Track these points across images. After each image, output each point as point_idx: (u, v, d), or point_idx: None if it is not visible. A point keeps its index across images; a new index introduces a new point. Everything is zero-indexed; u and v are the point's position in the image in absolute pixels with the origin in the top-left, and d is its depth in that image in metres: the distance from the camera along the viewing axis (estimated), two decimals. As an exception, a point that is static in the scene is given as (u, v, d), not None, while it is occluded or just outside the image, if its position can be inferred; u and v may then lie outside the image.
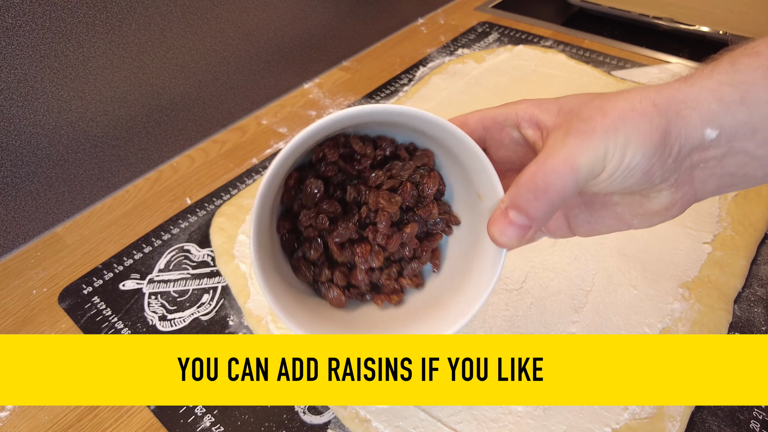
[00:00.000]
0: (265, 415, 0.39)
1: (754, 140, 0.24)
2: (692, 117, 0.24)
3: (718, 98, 0.24)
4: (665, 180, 0.25)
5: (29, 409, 0.41)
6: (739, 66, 0.24)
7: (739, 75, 0.24)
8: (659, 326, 0.42)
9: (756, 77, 0.23)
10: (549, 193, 0.24)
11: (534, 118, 0.28)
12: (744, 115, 0.24)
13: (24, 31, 0.47)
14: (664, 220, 0.27)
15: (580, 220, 0.30)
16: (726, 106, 0.24)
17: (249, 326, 0.45)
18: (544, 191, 0.24)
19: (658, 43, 0.77)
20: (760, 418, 0.37)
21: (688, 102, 0.24)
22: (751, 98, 0.23)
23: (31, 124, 0.51)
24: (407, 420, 0.37)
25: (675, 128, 0.24)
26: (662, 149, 0.24)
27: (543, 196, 0.24)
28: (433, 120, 0.28)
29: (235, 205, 0.55)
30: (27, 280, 0.50)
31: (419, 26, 0.88)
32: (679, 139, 0.24)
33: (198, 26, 0.61)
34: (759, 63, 0.24)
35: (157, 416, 0.39)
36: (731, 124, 0.24)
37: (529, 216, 0.25)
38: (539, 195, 0.24)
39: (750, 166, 0.25)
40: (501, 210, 0.26)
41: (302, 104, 0.72)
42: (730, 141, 0.24)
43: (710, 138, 0.24)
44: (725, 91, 0.24)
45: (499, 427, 0.37)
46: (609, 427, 0.36)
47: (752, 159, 0.25)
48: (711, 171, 0.25)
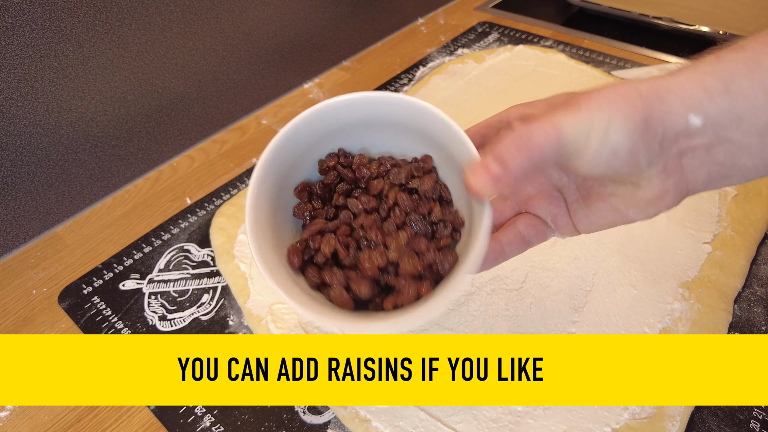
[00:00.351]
0: (265, 415, 0.39)
1: (740, 128, 0.24)
2: (675, 102, 0.24)
3: (701, 86, 0.24)
4: (653, 164, 0.25)
5: (29, 409, 0.41)
6: (723, 59, 0.25)
7: (722, 65, 0.24)
8: (659, 326, 0.42)
9: (739, 68, 0.24)
10: (531, 148, 0.24)
11: (523, 115, 0.29)
12: (728, 104, 0.24)
13: (24, 31, 0.47)
14: (660, 210, 0.28)
15: (579, 215, 0.31)
16: (709, 95, 0.24)
17: (249, 326, 0.45)
18: (526, 145, 0.24)
19: (658, 43, 0.77)
20: (760, 418, 0.37)
21: (671, 89, 0.25)
22: (735, 87, 0.24)
23: (31, 124, 0.51)
24: (407, 420, 0.37)
25: (658, 112, 0.24)
26: (645, 130, 0.24)
27: (524, 149, 0.24)
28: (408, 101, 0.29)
29: (235, 204, 0.55)
30: (27, 280, 0.50)
31: (419, 26, 0.88)
32: (663, 122, 0.25)
33: (198, 26, 0.61)
34: (743, 56, 0.24)
35: (157, 416, 0.39)
36: (716, 112, 0.24)
37: (506, 166, 0.25)
38: (521, 147, 0.24)
39: (738, 156, 0.25)
40: (480, 160, 0.26)
41: (302, 104, 0.72)
42: (716, 129, 0.25)
43: (695, 124, 0.25)
44: (708, 81, 0.24)
45: (499, 427, 0.37)
46: (609, 427, 0.36)
47: (740, 148, 0.25)
48: (700, 160, 0.26)
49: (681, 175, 0.26)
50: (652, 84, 0.25)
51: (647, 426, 0.36)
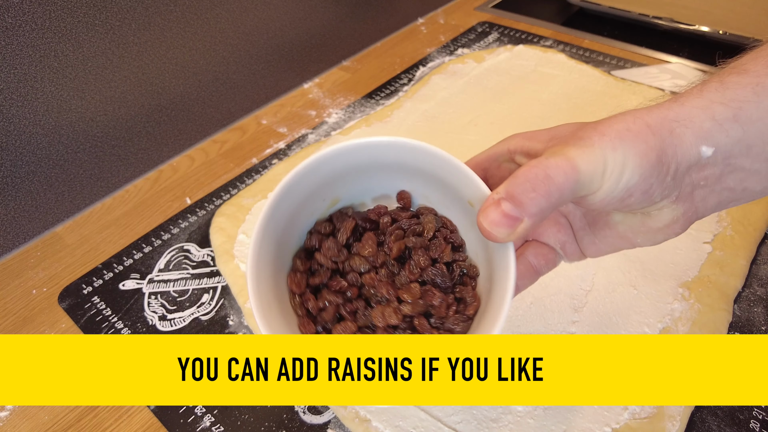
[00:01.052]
0: (265, 415, 0.39)
1: (750, 156, 0.24)
2: (686, 135, 0.24)
3: (711, 116, 0.24)
4: (666, 197, 0.25)
5: (29, 409, 0.41)
6: (728, 84, 0.24)
7: (729, 93, 0.24)
8: (659, 326, 0.42)
9: (746, 94, 0.24)
10: (550, 187, 0.23)
11: (524, 149, 0.28)
12: (738, 132, 0.24)
13: (24, 31, 0.47)
14: (667, 237, 0.27)
15: (586, 241, 0.30)
16: (719, 124, 0.24)
17: (249, 326, 0.45)
18: (543, 183, 0.23)
19: (658, 43, 0.77)
20: (759, 418, 0.37)
21: (680, 120, 0.24)
22: (744, 115, 0.24)
23: (31, 124, 0.51)
24: (407, 420, 0.37)
25: (670, 147, 0.24)
26: (659, 168, 0.24)
27: (543, 189, 0.23)
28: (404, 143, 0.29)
29: (235, 204, 0.55)
30: (27, 280, 0.50)
31: (419, 26, 0.88)
32: (675, 157, 0.24)
33: (198, 26, 0.61)
34: (748, 80, 0.24)
35: (157, 416, 0.39)
36: (726, 142, 0.24)
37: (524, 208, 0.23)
38: (538, 186, 0.23)
39: (749, 181, 0.25)
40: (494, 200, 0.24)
41: (302, 104, 0.72)
42: (727, 158, 0.24)
43: (706, 155, 0.24)
44: (717, 110, 0.24)
45: (499, 427, 0.37)
46: (609, 427, 0.36)
47: (750, 174, 0.25)
48: (711, 188, 0.26)
49: (691, 204, 0.26)
50: (660, 115, 0.24)
51: (647, 426, 0.36)
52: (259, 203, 0.55)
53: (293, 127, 0.68)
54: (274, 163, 0.62)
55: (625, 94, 0.66)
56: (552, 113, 0.64)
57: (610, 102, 0.65)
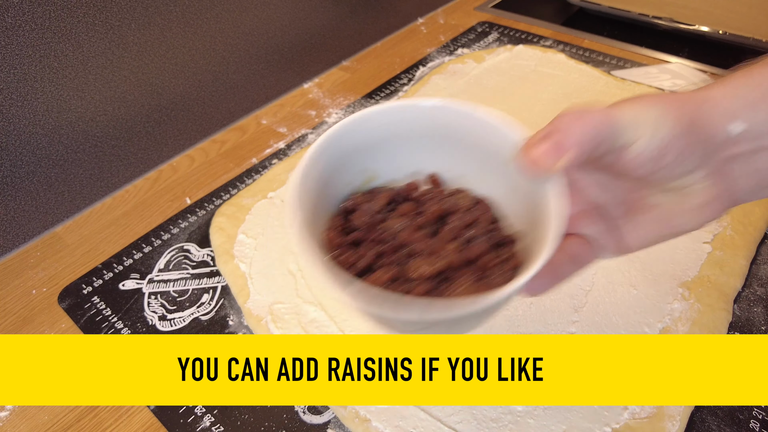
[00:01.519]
0: (265, 415, 0.39)
1: None
2: (714, 111, 0.25)
3: (738, 97, 0.25)
4: (699, 168, 0.25)
5: (29, 409, 0.41)
6: (754, 74, 0.25)
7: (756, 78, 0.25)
8: (659, 326, 0.42)
9: None
10: (588, 122, 0.24)
11: None
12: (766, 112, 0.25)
13: (24, 31, 0.47)
14: (706, 218, 0.27)
15: (624, 230, 0.30)
16: (748, 103, 0.25)
17: (249, 326, 0.45)
18: (583, 118, 0.24)
19: (658, 43, 0.77)
20: (759, 418, 0.37)
21: (708, 100, 0.25)
22: None
23: (31, 124, 0.51)
24: (407, 420, 0.37)
25: (700, 119, 0.25)
26: (693, 131, 0.25)
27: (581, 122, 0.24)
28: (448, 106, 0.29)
29: (235, 204, 0.55)
30: (27, 280, 0.50)
31: (419, 26, 0.88)
32: (705, 129, 0.25)
33: (198, 26, 0.61)
34: None
35: (157, 416, 0.39)
36: (755, 120, 0.25)
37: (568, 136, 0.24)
38: (577, 120, 0.24)
39: None
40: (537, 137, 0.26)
41: (302, 104, 0.72)
42: (758, 138, 0.25)
43: (737, 131, 0.25)
44: (743, 92, 0.25)
45: (499, 427, 0.37)
46: (609, 427, 0.36)
47: None
48: (744, 168, 0.26)
49: (727, 183, 0.26)
50: (686, 96, 0.25)
51: (647, 426, 0.36)
52: (259, 203, 0.55)
53: (293, 127, 0.68)
54: (274, 163, 0.62)
55: (625, 94, 0.66)
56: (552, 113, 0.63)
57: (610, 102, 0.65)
